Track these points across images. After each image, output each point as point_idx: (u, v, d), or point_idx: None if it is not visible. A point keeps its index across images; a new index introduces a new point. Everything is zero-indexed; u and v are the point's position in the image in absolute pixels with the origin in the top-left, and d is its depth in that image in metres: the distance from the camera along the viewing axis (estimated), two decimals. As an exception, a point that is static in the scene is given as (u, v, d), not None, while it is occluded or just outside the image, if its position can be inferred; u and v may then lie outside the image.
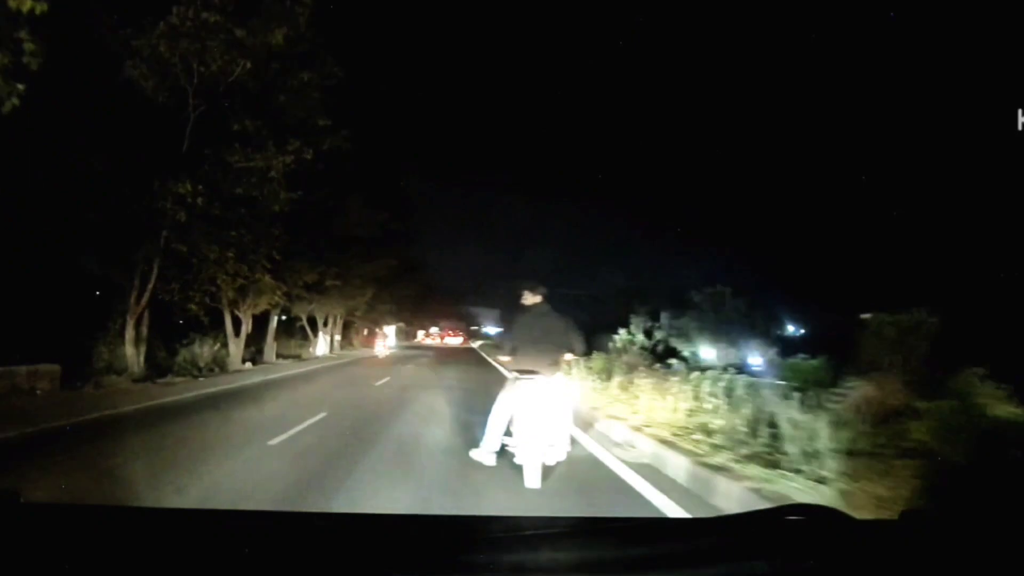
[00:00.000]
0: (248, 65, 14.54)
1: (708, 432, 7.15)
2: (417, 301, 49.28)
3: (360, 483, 5.78)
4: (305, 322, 31.61)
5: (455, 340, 67.53)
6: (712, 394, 8.41)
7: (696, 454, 6.43)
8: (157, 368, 16.82)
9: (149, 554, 1.30)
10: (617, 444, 7.85)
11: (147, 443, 7.56)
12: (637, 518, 4.06)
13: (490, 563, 1.27)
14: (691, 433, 7.25)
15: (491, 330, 73.52)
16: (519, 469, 5.75)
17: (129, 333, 15.73)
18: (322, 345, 32.37)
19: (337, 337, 36.03)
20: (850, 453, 5.44)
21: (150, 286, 15.78)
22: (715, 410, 7.66)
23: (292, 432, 8.23)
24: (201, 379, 16.36)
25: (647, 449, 7.22)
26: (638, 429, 8.00)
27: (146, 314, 16.35)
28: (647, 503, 5.31)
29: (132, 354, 15.77)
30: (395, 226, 28.47)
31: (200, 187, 13.72)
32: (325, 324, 33.25)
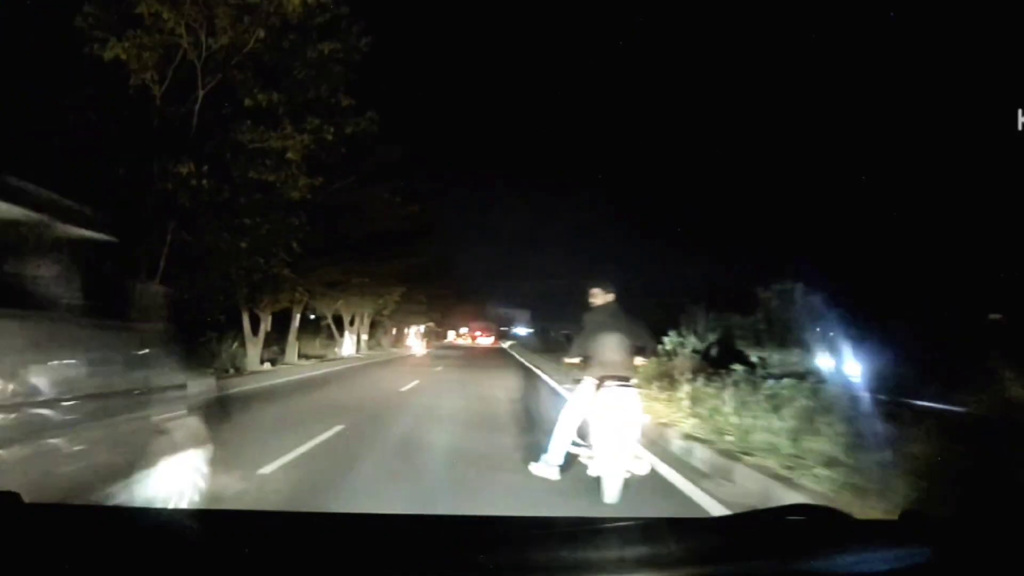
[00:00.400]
0: (261, 34, 13.07)
1: (833, 464, 5.38)
2: (447, 301, 47.51)
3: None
4: (331, 321, 30.22)
5: (486, 340, 67.03)
6: (818, 410, 6.63)
7: (832, 500, 4.69)
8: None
9: (149, 554, 1.29)
10: (704, 475, 6.11)
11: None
12: (637, 518, 3.05)
13: (491, 563, 1.24)
14: (810, 466, 5.47)
15: (520, 331, 73.55)
16: (589, 483, 5.25)
17: (134, 331, 14.34)
18: (348, 345, 30.94)
19: (364, 337, 34.57)
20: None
21: (156, 280, 14.40)
22: (835, 435, 5.85)
23: (296, 453, 6.64)
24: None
25: (751, 485, 5.50)
26: (732, 456, 6.24)
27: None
28: None
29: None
30: (423, 221, 26.56)
31: (206, 168, 12.24)
32: (352, 323, 31.82)
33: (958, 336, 9.70)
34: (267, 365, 20.08)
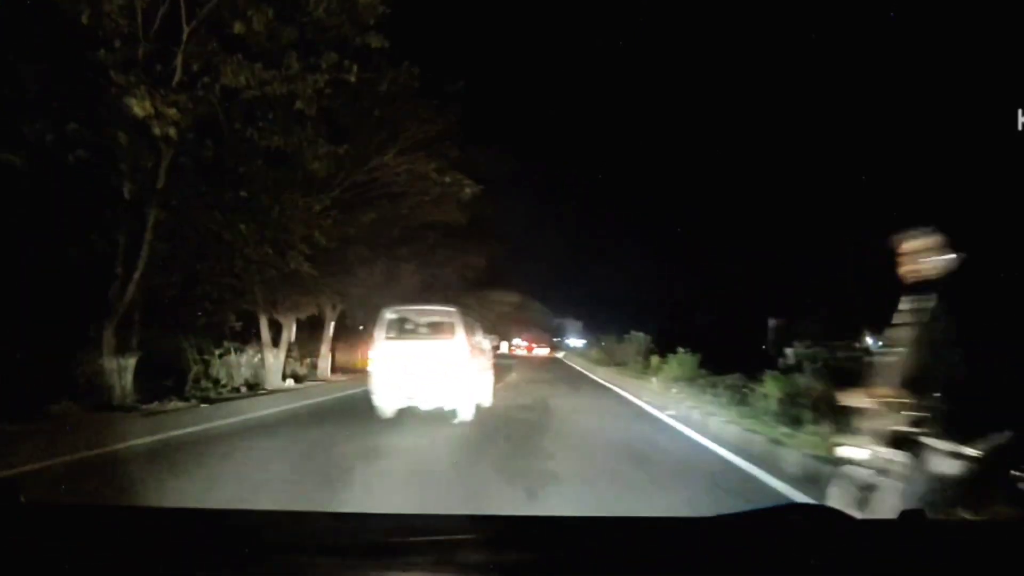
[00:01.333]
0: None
1: None
2: (501, 309, 43.22)
3: None
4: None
5: (542, 351, 65.45)
6: None
7: None
8: (158, 388, 12.18)
9: (149, 553, 1.29)
10: None
11: None
12: (638, 518, 3.20)
13: (490, 562, 1.25)
14: None
15: (572, 341, 74.16)
16: None
17: (108, 341, 11.18)
18: (392, 356, 27.45)
19: (411, 347, 31.07)
20: None
21: (136, 275, 11.20)
22: None
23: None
24: (204, 407, 11.51)
25: None
26: None
27: (136, 314, 11.81)
28: None
29: (113, 369, 11.21)
30: (482, 211, 22.20)
31: (173, 111, 8.86)
32: (396, 332, 28.35)
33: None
34: (289, 382, 16.69)
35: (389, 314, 10.50)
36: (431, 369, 9.68)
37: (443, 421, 9.38)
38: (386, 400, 9.93)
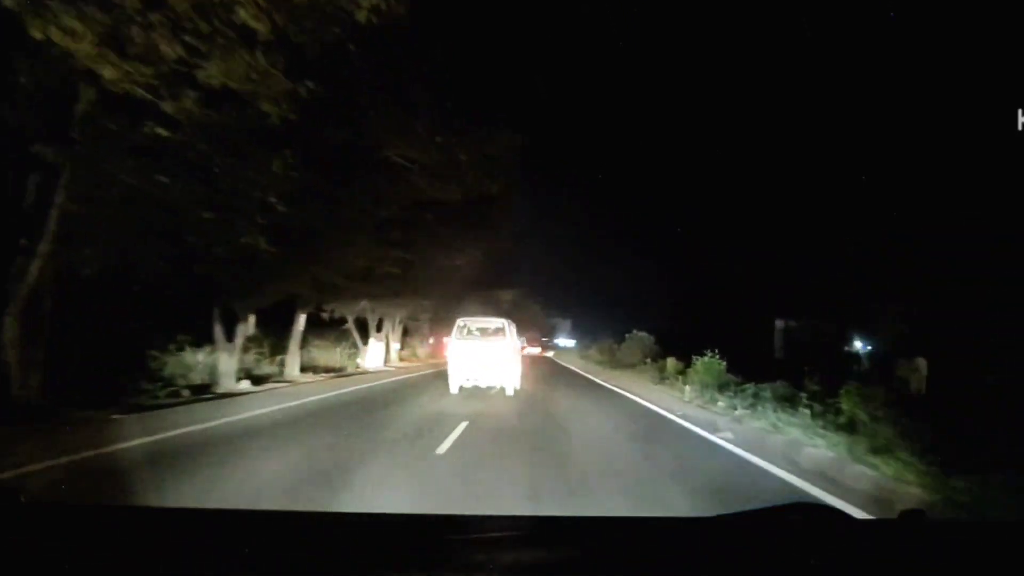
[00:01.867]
0: None
1: None
2: (506, 308, 39.93)
3: None
4: (352, 324, 23.97)
5: (533, 350, 63.33)
6: None
7: None
8: (84, 390, 9.54)
9: (149, 553, 1.25)
10: None
11: None
12: (637, 518, 3.29)
13: (489, 562, 1.21)
14: None
15: (563, 341, 72.56)
16: None
17: (9, 330, 8.72)
18: (374, 355, 24.49)
19: (395, 345, 28.29)
20: None
21: (42, 247, 8.59)
22: None
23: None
24: (115, 419, 8.79)
25: None
26: None
27: (48, 298, 9.24)
28: None
29: (16, 364, 8.72)
30: (492, 187, 18.58)
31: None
32: (379, 328, 25.50)
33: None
34: (245, 384, 13.85)
35: (460, 322, 14.72)
36: (488, 360, 13.67)
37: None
38: (457, 381, 13.74)
